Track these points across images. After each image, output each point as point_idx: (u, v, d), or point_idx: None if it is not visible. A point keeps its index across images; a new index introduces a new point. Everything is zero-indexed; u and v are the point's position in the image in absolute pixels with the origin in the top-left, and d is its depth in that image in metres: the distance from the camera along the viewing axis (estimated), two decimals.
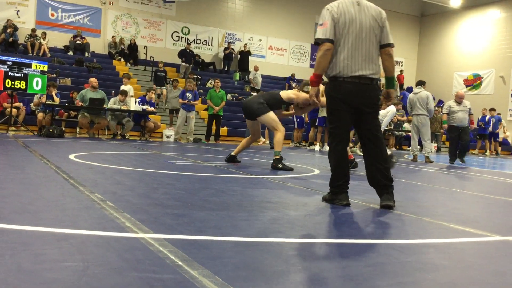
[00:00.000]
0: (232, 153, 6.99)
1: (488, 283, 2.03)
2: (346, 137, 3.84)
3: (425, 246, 2.70)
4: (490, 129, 18.93)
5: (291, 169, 6.28)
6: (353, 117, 3.80)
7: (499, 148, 19.52)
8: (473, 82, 24.34)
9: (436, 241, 2.86)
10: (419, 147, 11.43)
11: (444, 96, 24.77)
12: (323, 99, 6.73)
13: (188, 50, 20.09)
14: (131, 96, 13.14)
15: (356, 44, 3.66)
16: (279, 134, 6.42)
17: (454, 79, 25.17)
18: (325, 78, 3.95)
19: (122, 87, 13.38)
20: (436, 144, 17.56)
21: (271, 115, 6.44)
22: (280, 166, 6.32)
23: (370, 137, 3.79)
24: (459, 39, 25.13)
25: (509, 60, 22.70)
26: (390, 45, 3.78)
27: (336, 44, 3.68)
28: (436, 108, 17.74)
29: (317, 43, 3.72)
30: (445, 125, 11.36)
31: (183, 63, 19.81)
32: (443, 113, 11.43)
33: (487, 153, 19.02)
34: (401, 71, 23.93)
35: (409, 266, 2.23)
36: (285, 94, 6.60)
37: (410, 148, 11.06)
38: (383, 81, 4.00)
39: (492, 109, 19.46)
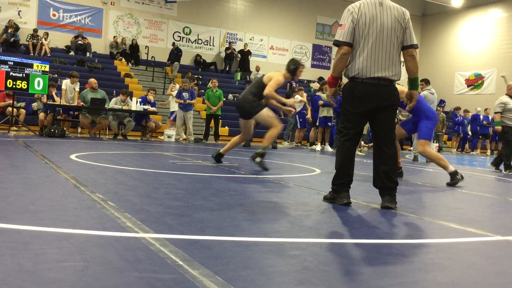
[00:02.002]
0: (221, 151, 6.69)
1: (489, 283, 2.03)
2: (356, 137, 3.82)
3: (426, 246, 2.69)
4: (490, 130, 18.88)
5: (266, 169, 6.07)
6: (366, 119, 3.79)
7: (500, 147, 19.49)
8: (475, 82, 24.30)
9: (437, 241, 2.86)
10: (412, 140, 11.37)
11: (445, 96, 24.74)
12: (289, 101, 6.71)
13: (174, 50, 20.16)
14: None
15: (377, 45, 3.63)
16: (274, 131, 6.13)
17: (455, 79, 25.15)
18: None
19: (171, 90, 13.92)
20: (437, 144, 17.55)
21: (265, 112, 6.10)
22: (258, 160, 6.07)
23: (384, 138, 3.77)
24: (461, 38, 25.10)
25: (510, 60, 22.66)
26: (414, 46, 3.73)
27: (356, 45, 3.66)
28: (438, 107, 17.71)
29: (336, 45, 3.71)
30: (499, 127, 9.11)
31: (171, 64, 19.96)
32: (496, 112, 9.12)
33: (488, 152, 18.99)
34: None
35: (410, 266, 2.22)
36: (267, 78, 6.17)
37: (412, 147, 10.99)
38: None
39: None
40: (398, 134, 6.31)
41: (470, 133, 19.56)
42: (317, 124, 13.34)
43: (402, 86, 5.49)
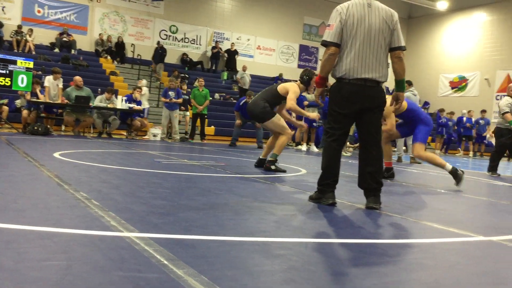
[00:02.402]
0: (261, 157, 6.66)
1: (471, 283, 2.05)
2: (343, 138, 3.83)
3: (410, 246, 2.72)
4: (474, 132, 19.13)
5: (284, 171, 6.20)
6: (353, 120, 3.80)
7: (483, 149, 19.74)
8: (459, 84, 24.60)
9: (421, 241, 2.89)
10: (404, 148, 11.50)
11: (429, 97, 25.02)
12: (312, 114, 6.83)
13: (159, 49, 19.84)
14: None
15: (364, 46, 3.63)
16: (284, 138, 6.19)
17: (440, 81, 25.43)
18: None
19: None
20: None
21: (276, 120, 6.16)
22: (273, 167, 6.21)
23: (369, 139, 3.79)
24: (445, 41, 25.38)
25: (494, 63, 22.99)
26: (401, 48, 3.73)
27: (344, 46, 3.66)
28: (422, 109, 17.87)
29: (324, 45, 3.71)
30: None
31: (154, 63, 19.66)
32: (505, 113, 8.78)
33: (470, 154, 19.23)
34: None
35: (394, 265, 2.24)
36: (282, 88, 6.23)
37: (396, 148, 11.07)
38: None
39: (483, 111, 19.71)
40: (392, 135, 6.38)
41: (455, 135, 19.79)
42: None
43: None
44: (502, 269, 2.31)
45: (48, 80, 11.95)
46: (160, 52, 19.78)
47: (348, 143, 13.44)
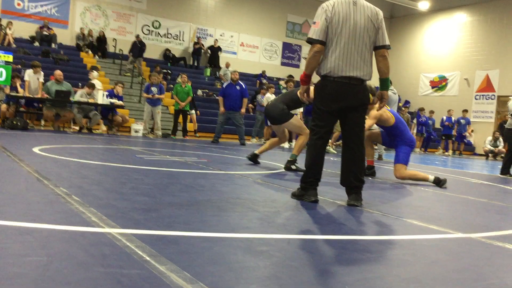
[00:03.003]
0: (256, 152, 6.86)
1: (450, 279, 2.08)
2: (327, 136, 3.85)
3: (391, 243, 2.75)
4: (454, 131, 19.42)
5: (303, 170, 6.23)
6: (337, 118, 3.82)
7: (462, 148, 20.07)
8: (439, 84, 24.92)
9: (401, 238, 2.93)
10: (384, 146, 11.60)
11: (410, 96, 25.28)
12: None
13: (137, 42, 19.21)
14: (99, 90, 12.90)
15: (349, 45, 3.64)
16: (304, 138, 6.33)
17: (420, 80, 25.72)
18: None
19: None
20: None
21: (294, 121, 6.32)
22: (293, 167, 6.30)
23: (353, 138, 3.81)
24: (427, 41, 25.67)
25: (473, 63, 23.34)
26: (386, 47, 3.75)
27: (329, 43, 3.67)
28: (403, 108, 18.07)
29: (309, 42, 3.72)
30: None
31: (131, 57, 18.90)
32: None
33: (449, 152, 19.52)
34: None
35: (376, 262, 2.26)
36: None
37: (376, 146, 11.17)
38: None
39: (465, 111, 20.01)
40: (374, 138, 6.45)
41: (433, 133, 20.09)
42: None
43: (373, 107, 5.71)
44: (481, 265, 2.36)
45: (28, 74, 11.75)
46: (139, 47, 19.28)
47: (330, 140, 13.53)
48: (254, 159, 6.83)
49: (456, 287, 1.97)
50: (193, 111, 15.08)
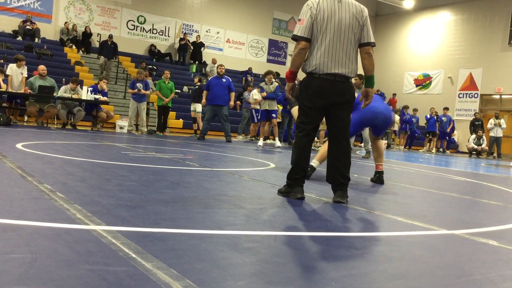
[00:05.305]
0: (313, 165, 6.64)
1: (435, 275, 2.11)
2: (313, 133, 3.86)
3: (376, 239, 2.77)
4: (437, 129, 19.65)
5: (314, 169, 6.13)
6: (323, 115, 3.83)
7: (445, 145, 20.31)
8: (423, 82, 25.17)
9: (386, 234, 2.95)
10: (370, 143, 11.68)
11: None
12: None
13: (109, 43, 18.15)
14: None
15: (334, 42, 3.65)
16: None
17: (405, 78, 25.95)
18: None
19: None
20: (386, 141, 18.09)
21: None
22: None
23: (338, 135, 3.82)
24: (411, 39, 25.90)
25: (457, 61, 23.61)
26: (371, 44, 3.76)
27: (314, 41, 3.68)
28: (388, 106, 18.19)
29: (294, 39, 3.72)
30: None
31: (103, 57, 17.73)
32: None
33: (433, 150, 19.75)
34: None
35: (361, 258, 2.28)
36: None
37: (362, 144, 11.24)
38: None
39: (446, 108, 20.22)
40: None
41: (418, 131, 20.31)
42: (259, 118, 13.29)
43: None
44: (464, 261, 2.39)
45: (11, 68, 11.57)
46: (112, 47, 18.07)
47: (316, 138, 13.57)
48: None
49: (440, 283, 1.99)
50: (199, 111, 14.42)
